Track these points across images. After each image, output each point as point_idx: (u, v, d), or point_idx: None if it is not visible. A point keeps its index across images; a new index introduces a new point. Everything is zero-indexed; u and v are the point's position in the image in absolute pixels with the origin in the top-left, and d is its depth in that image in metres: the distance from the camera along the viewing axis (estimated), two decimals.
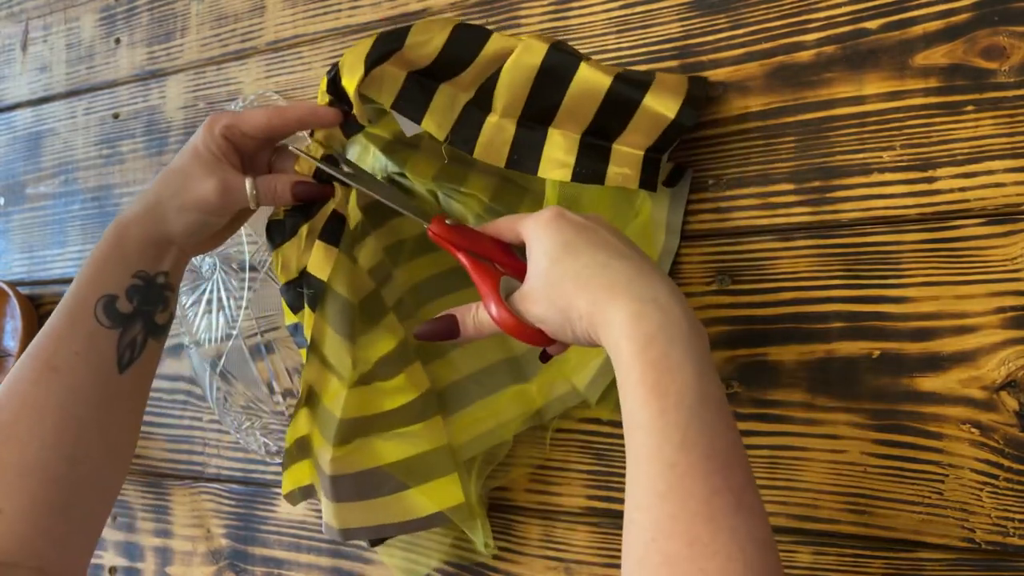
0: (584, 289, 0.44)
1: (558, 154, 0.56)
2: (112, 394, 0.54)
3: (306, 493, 0.63)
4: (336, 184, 0.57)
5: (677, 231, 0.60)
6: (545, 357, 0.52)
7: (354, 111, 0.55)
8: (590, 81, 0.54)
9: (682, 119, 0.54)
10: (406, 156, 0.62)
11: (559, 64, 0.54)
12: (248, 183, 0.55)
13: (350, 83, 0.53)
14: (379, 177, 0.63)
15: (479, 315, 0.49)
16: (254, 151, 0.58)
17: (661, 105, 0.55)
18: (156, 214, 0.55)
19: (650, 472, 0.39)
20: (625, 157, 0.56)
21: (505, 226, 0.50)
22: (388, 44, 0.53)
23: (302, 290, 0.58)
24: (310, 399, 0.61)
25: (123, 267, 0.54)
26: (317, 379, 0.60)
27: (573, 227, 0.46)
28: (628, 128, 0.55)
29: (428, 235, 0.52)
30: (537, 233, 0.47)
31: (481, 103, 0.56)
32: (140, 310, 0.55)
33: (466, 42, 0.54)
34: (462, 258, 0.51)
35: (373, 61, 0.53)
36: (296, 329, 0.60)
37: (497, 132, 0.56)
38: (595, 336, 0.44)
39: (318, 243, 0.57)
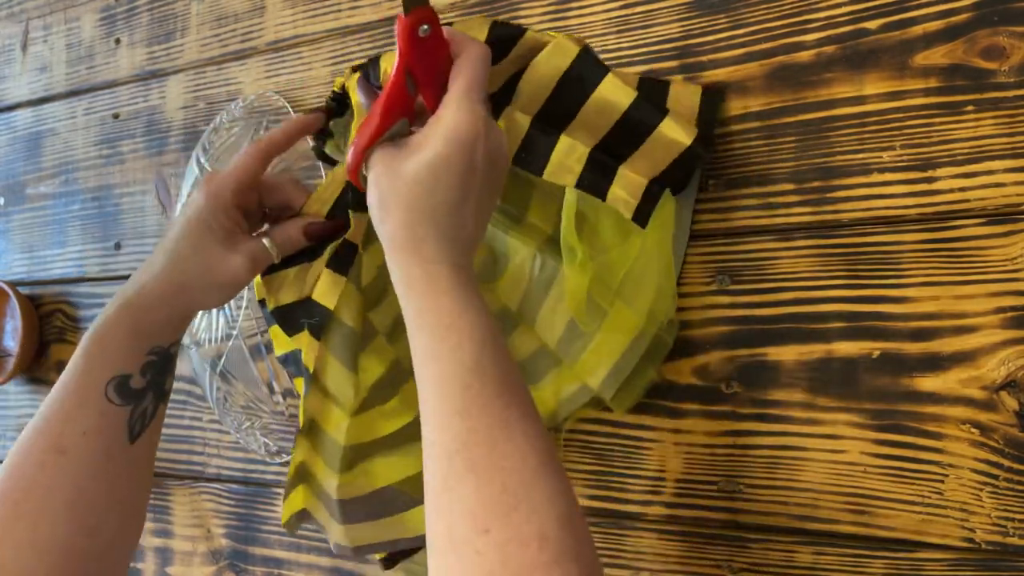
0: (406, 209, 0.45)
1: (566, 160, 0.55)
2: (123, 465, 0.53)
3: (302, 518, 0.63)
4: (352, 214, 0.56)
5: (687, 228, 0.59)
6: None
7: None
8: (610, 97, 0.54)
9: (695, 149, 0.54)
10: None
11: (585, 72, 0.54)
12: (267, 243, 0.55)
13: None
14: None
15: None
16: (253, 201, 0.57)
17: (676, 131, 0.54)
18: (185, 297, 0.54)
19: (445, 392, 0.43)
20: (629, 182, 0.55)
21: (455, 50, 0.47)
22: None
23: (303, 320, 0.56)
24: (311, 429, 0.60)
25: (138, 347, 0.53)
26: (319, 409, 0.59)
27: (464, 162, 0.45)
28: (637, 153, 0.55)
29: (397, 22, 0.46)
30: (447, 133, 0.45)
31: (503, 96, 0.55)
32: (152, 383, 0.54)
33: (503, 40, 0.53)
34: (395, 71, 0.45)
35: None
36: (289, 359, 0.58)
37: (512, 126, 0.55)
38: (389, 261, 0.47)
39: (326, 271, 0.56)
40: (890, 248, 0.54)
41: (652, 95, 0.57)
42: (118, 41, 0.91)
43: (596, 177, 0.55)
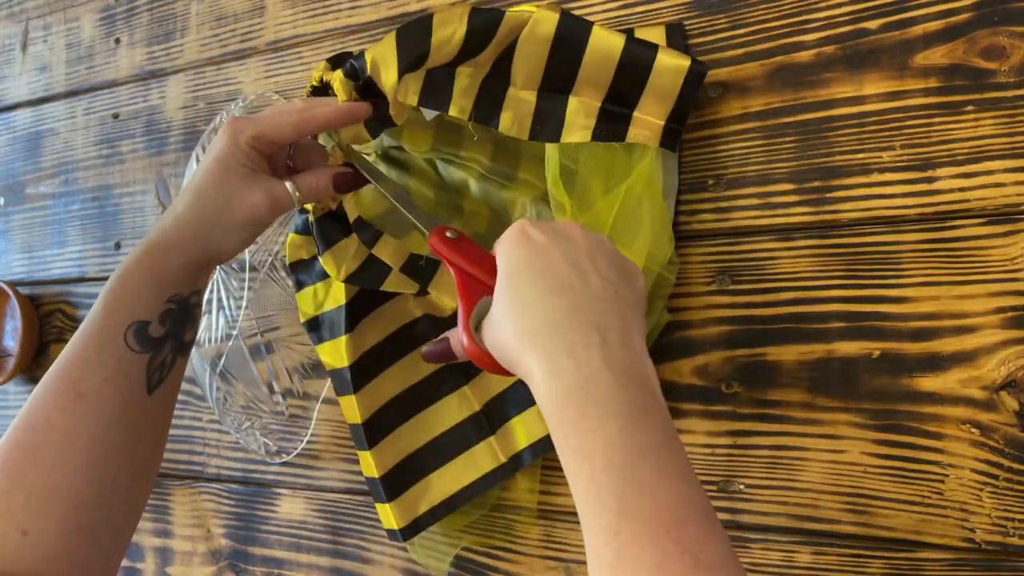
0: (511, 332, 0.42)
1: (578, 119, 0.57)
2: (140, 416, 0.53)
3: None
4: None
5: (675, 171, 0.60)
6: None
7: (391, 111, 0.54)
8: (604, 45, 0.55)
9: (695, 66, 0.56)
10: (399, 129, 0.62)
11: (572, 31, 0.55)
12: (290, 186, 0.54)
13: (389, 80, 0.53)
14: (375, 155, 0.63)
15: (455, 341, 0.48)
16: (278, 153, 0.57)
17: (674, 57, 0.56)
18: (202, 238, 0.53)
19: (595, 542, 0.36)
20: (646, 124, 0.57)
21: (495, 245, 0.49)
22: (415, 45, 0.53)
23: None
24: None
25: (157, 293, 0.53)
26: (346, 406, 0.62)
27: (525, 251, 0.44)
28: (647, 91, 0.56)
29: (428, 245, 0.52)
30: (500, 255, 0.45)
31: (498, 77, 0.57)
32: (171, 332, 0.54)
33: (484, 26, 0.54)
34: (454, 274, 0.49)
35: (407, 65, 0.53)
36: (321, 322, 0.61)
37: (519, 105, 0.57)
38: (529, 384, 0.41)
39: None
40: (890, 248, 0.54)
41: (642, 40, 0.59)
42: (118, 41, 0.91)
43: (612, 126, 0.57)
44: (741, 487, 0.58)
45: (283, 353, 0.76)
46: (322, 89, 0.57)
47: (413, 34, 0.53)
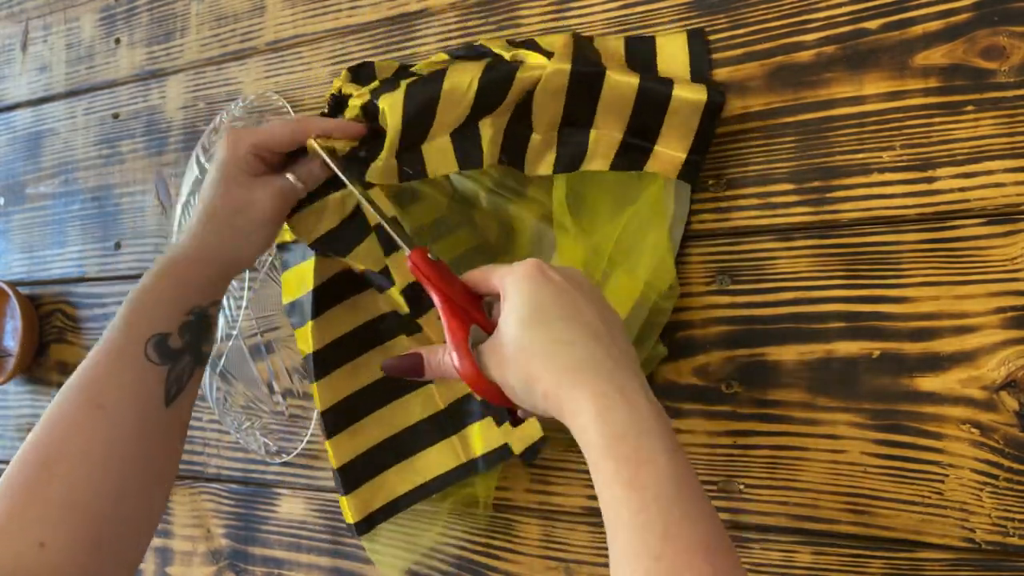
0: (550, 368, 0.43)
1: (599, 149, 0.58)
2: (158, 427, 0.53)
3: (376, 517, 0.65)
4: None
5: (686, 200, 0.60)
6: (516, 420, 0.52)
7: (382, 160, 0.56)
8: (619, 86, 0.56)
9: (713, 97, 0.56)
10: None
11: (586, 77, 0.56)
12: (291, 177, 0.56)
13: (393, 122, 0.55)
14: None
15: (444, 360, 0.48)
16: (277, 163, 0.58)
17: (691, 92, 0.56)
18: (220, 247, 0.55)
19: (638, 569, 0.38)
20: (666, 158, 0.58)
21: (480, 278, 0.49)
22: (427, 90, 0.55)
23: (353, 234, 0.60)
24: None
25: (178, 305, 0.54)
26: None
27: (550, 290, 0.45)
28: (665, 125, 0.57)
29: (407, 263, 0.52)
30: (513, 288, 0.45)
31: (522, 123, 0.58)
32: (190, 344, 0.54)
33: (498, 80, 0.56)
34: (436, 296, 0.49)
35: (415, 110, 0.55)
36: (295, 307, 0.63)
37: (543, 147, 0.59)
38: (560, 418, 0.43)
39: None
40: (890, 248, 0.54)
41: (642, 56, 0.60)
42: (118, 41, 0.91)
43: (631, 157, 0.58)
44: (741, 487, 0.58)
45: (283, 353, 0.76)
46: (341, 100, 0.59)
47: (425, 82, 0.55)
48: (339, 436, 0.63)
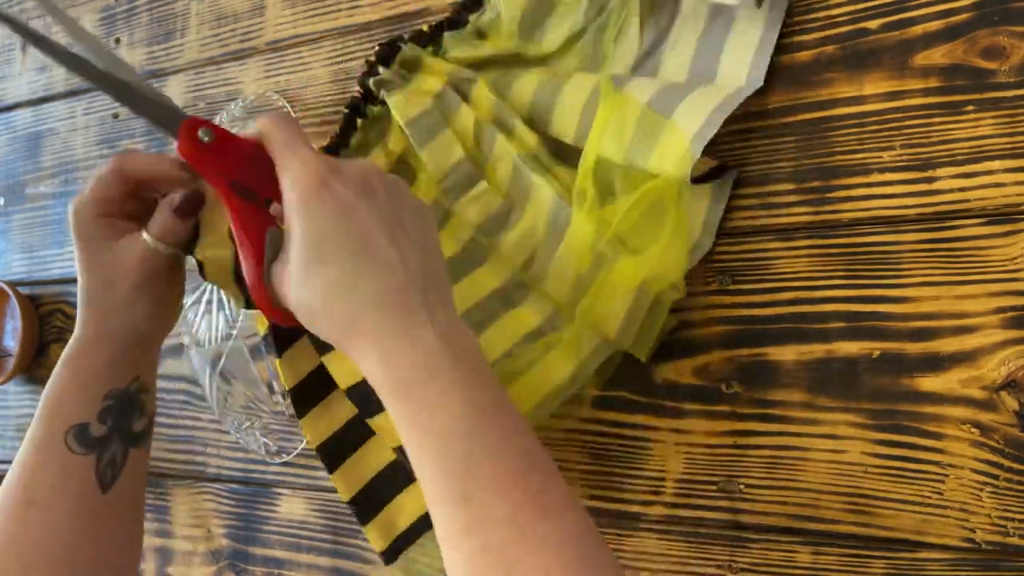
0: (330, 316, 0.40)
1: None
2: (98, 516, 0.50)
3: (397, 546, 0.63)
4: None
5: (713, 230, 0.58)
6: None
7: None
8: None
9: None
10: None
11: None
12: (145, 236, 0.50)
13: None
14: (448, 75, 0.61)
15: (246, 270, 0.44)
16: (131, 212, 0.52)
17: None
18: (116, 327, 0.51)
19: (447, 512, 0.37)
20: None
21: (276, 151, 0.42)
22: None
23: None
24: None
25: (90, 393, 0.51)
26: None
27: (334, 213, 0.40)
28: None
29: (177, 151, 0.43)
30: (295, 209, 0.40)
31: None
32: (115, 428, 0.51)
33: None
34: (222, 195, 0.41)
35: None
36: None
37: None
38: (354, 361, 0.41)
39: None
40: (890, 248, 0.54)
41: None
42: (118, 41, 0.91)
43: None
44: (741, 487, 0.58)
45: None
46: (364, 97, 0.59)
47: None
48: (342, 468, 0.62)
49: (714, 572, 0.58)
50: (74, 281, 0.90)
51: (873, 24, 0.55)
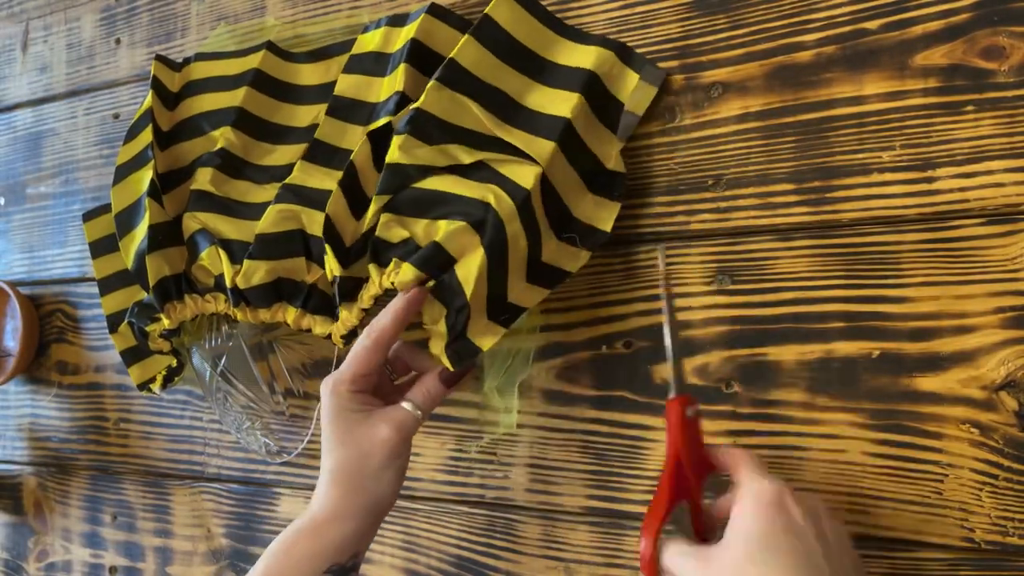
0: None
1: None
2: None
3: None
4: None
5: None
6: None
7: None
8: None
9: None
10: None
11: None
12: (408, 406, 0.55)
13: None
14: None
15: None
16: (378, 383, 0.57)
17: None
18: (361, 502, 0.54)
19: None
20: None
21: (730, 460, 0.48)
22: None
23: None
24: None
25: (315, 564, 0.53)
26: None
27: (787, 528, 0.44)
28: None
29: (667, 407, 0.50)
30: (752, 509, 0.45)
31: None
32: None
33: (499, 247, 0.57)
34: (668, 460, 0.47)
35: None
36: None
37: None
38: None
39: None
40: (890, 248, 0.54)
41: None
42: (118, 41, 0.91)
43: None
44: None
45: (283, 353, 0.76)
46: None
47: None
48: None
49: None
50: (74, 281, 0.91)
51: (873, 24, 0.55)
